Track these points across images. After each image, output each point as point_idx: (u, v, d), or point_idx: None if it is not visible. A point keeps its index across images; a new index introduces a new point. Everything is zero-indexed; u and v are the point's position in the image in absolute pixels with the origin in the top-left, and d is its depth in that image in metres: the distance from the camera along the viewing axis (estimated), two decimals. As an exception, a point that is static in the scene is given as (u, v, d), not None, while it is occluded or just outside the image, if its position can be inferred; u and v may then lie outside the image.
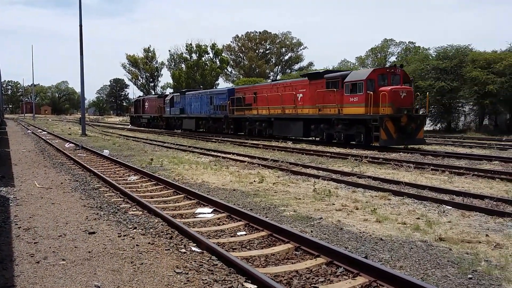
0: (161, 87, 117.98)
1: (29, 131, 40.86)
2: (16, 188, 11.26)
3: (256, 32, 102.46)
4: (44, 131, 42.61)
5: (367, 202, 9.67)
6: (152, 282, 5.09)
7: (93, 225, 7.58)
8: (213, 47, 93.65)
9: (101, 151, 20.51)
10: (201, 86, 79.52)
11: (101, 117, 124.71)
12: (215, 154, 20.35)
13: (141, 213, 8.61)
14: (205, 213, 8.77)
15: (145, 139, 32.02)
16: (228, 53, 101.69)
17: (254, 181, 12.45)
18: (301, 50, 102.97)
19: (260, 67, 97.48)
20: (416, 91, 25.77)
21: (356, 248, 6.52)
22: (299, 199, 10.06)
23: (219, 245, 6.44)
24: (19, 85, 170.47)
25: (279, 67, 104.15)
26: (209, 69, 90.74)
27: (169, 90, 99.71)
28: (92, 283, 5.05)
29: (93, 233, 7.06)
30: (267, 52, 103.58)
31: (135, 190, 11.29)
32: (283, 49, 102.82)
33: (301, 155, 19.93)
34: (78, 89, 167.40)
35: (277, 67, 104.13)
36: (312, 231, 7.39)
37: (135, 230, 7.29)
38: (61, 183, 12.10)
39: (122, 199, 10.00)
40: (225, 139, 30.79)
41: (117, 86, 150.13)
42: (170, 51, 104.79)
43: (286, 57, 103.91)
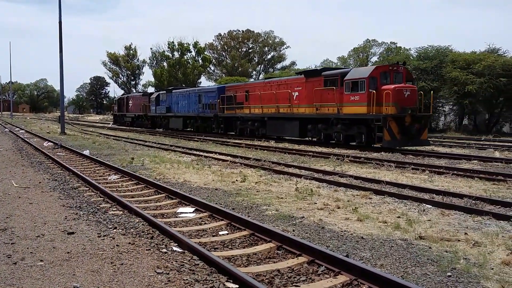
0: (143, 86, 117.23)
1: (6, 130, 40.26)
2: (-7, 187, 11.06)
3: (239, 30, 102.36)
4: (22, 129, 42.00)
5: (348, 201, 9.71)
6: (132, 282, 5.03)
7: (72, 225, 7.47)
8: (196, 45, 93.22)
9: (80, 150, 20.28)
10: (183, 84, 79.10)
11: (81, 115, 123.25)
12: (197, 153, 20.28)
13: (121, 213, 8.52)
14: (187, 213, 8.72)
15: (126, 138, 31.76)
16: (210, 51, 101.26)
17: (236, 180, 12.43)
18: (283, 49, 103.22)
19: (242, 66, 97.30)
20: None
21: (337, 246, 6.55)
22: (281, 198, 10.07)
23: (200, 245, 6.41)
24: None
25: (262, 66, 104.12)
26: (191, 68, 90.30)
27: (151, 88, 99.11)
28: (71, 284, 4.97)
29: (72, 233, 6.96)
30: (250, 51, 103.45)
31: (115, 189, 11.18)
32: (266, 48, 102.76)
33: (283, 154, 19.95)
34: (57, 87, 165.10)
35: (259, 66, 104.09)
36: (294, 230, 7.39)
37: (115, 230, 7.21)
38: (40, 182, 11.92)
39: (102, 198, 9.89)
40: (208, 138, 30.70)
41: (98, 84, 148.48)
42: (152, 49, 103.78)
43: (268, 56, 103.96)
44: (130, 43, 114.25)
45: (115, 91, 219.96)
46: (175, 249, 6.26)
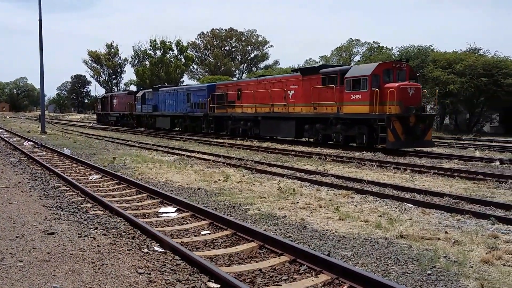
0: (125, 84, 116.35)
1: (-14, 129, 39.61)
2: (-29, 187, 10.88)
3: (221, 29, 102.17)
4: (1, 128, 41.37)
5: (330, 200, 9.76)
6: (113, 283, 4.99)
7: (52, 225, 7.39)
8: (178, 43, 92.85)
9: (61, 150, 20.05)
10: (166, 83, 78.74)
11: (61, 114, 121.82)
12: (180, 152, 20.20)
13: (102, 213, 8.45)
14: (169, 213, 8.68)
15: (107, 137, 31.48)
16: (193, 50, 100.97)
17: (218, 180, 12.40)
18: (267, 48, 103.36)
19: (225, 64, 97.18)
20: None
21: (319, 246, 6.57)
22: (264, 197, 10.08)
23: (182, 245, 6.38)
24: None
25: (245, 65, 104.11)
26: (173, 66, 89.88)
27: (133, 87, 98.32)
28: (50, 284, 4.92)
29: (53, 233, 6.88)
30: (233, 49, 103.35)
31: (96, 189, 11.08)
32: (249, 47, 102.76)
33: (266, 154, 19.97)
34: (37, 85, 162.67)
35: (242, 65, 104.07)
36: (276, 230, 7.41)
37: (96, 230, 7.15)
38: (19, 182, 11.76)
39: (83, 198, 9.79)
40: (190, 137, 30.57)
41: (79, 82, 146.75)
42: (134, 47, 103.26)
43: (252, 55, 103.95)
44: (111, 41, 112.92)
45: (96, 89, 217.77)
46: (156, 249, 6.23)
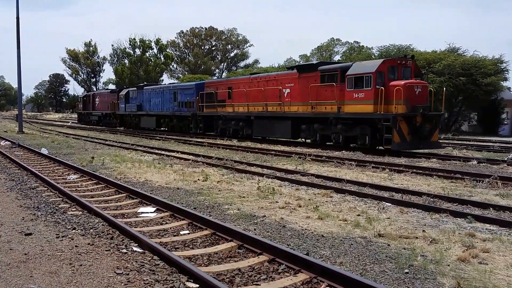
0: (103, 83, 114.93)
1: (-39, 128, 38.87)
2: None
3: (201, 28, 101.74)
4: (-23, 127, 40.68)
5: (310, 199, 9.81)
6: (91, 283, 4.96)
7: (29, 226, 7.30)
8: (157, 42, 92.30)
9: (39, 149, 19.80)
10: (145, 82, 78.16)
11: (39, 113, 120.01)
12: (159, 152, 20.10)
13: (80, 213, 8.37)
14: (148, 213, 8.64)
15: (86, 136, 31.17)
16: (172, 49, 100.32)
17: (198, 180, 12.38)
18: (247, 47, 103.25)
19: (205, 63, 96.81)
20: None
21: (298, 245, 6.61)
22: (243, 197, 10.09)
23: (161, 245, 6.36)
24: None
25: (225, 64, 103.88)
26: (153, 65, 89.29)
27: (111, 86, 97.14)
28: (28, 286, 4.87)
29: (30, 234, 6.80)
30: (213, 48, 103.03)
31: (74, 189, 10.96)
32: (229, 46, 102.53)
33: (246, 153, 19.99)
34: (15, 85, 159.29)
35: (222, 64, 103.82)
36: (255, 229, 7.43)
37: (74, 230, 7.08)
38: (-4, 182, 11.58)
39: (60, 199, 9.68)
40: (170, 137, 30.42)
41: (57, 81, 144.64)
42: (113, 45, 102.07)
43: (232, 54, 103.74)
44: (90, 40, 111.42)
45: (75, 88, 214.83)
46: (135, 249, 6.20)
